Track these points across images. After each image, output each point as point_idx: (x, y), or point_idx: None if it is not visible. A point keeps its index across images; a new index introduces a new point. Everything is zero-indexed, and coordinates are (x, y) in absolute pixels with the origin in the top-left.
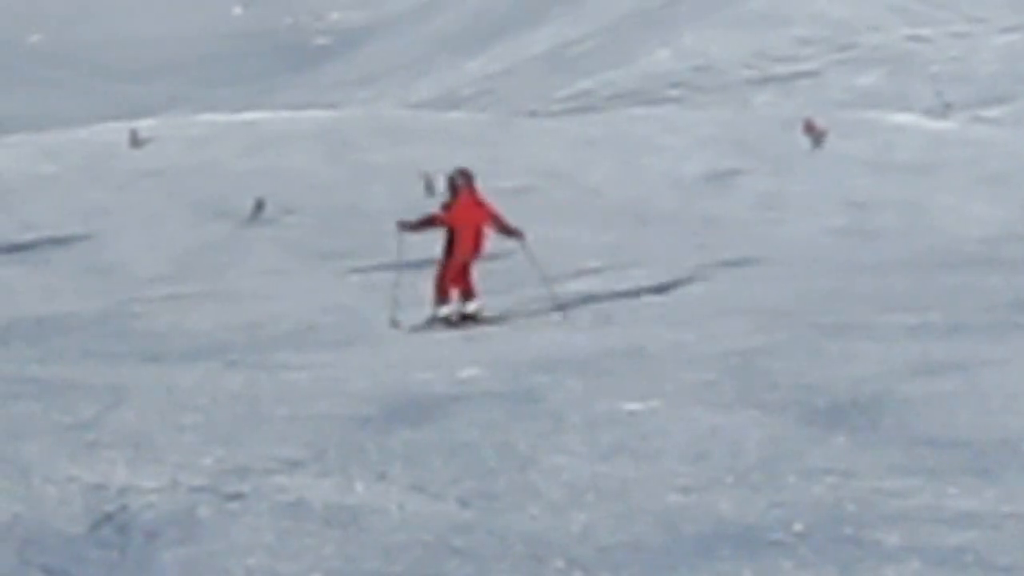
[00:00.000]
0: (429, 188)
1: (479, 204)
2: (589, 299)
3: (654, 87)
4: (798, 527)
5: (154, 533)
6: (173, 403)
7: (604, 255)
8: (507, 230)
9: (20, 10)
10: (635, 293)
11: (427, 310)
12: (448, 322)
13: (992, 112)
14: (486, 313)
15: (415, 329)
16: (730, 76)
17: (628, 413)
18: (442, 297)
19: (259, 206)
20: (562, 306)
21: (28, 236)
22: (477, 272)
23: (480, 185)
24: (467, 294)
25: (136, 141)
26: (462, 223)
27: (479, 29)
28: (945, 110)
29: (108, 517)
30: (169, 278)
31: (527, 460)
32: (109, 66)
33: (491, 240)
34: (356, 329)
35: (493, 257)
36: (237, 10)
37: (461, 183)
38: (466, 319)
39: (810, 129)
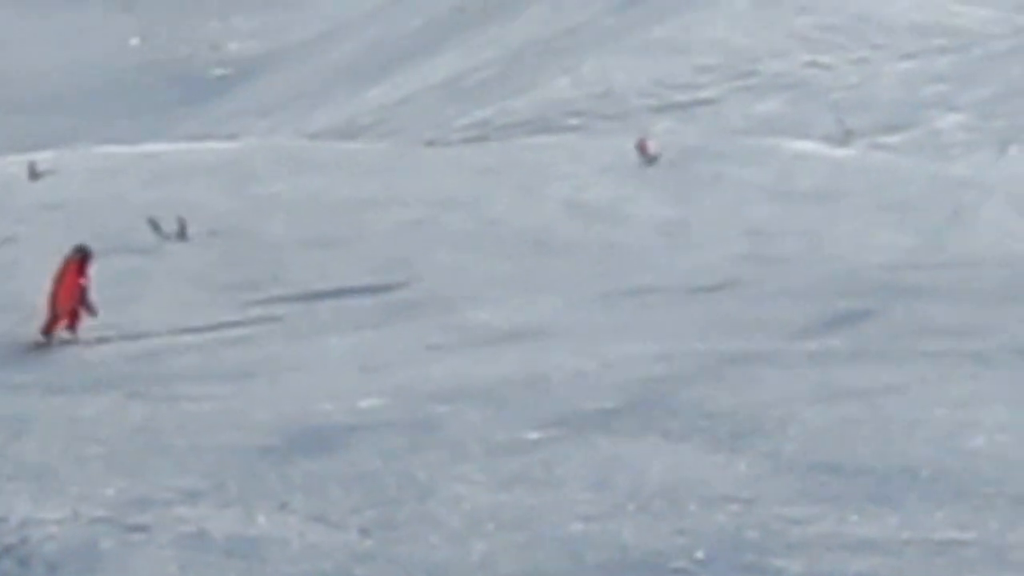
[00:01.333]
0: None
1: None
2: (490, 328)
3: (554, 115)
4: (700, 555)
5: (55, 565)
6: (75, 434)
7: (505, 284)
8: None
9: None
10: (535, 322)
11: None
12: None
13: (893, 139)
14: None
15: None
16: (630, 104)
17: (529, 442)
18: None
19: (182, 228)
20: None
21: None
22: None
23: (378, 215)
24: None
25: (35, 174)
26: None
27: (377, 58)
28: (846, 137)
29: (8, 549)
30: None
31: (427, 489)
32: (5, 98)
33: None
34: (257, 360)
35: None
36: (135, 41)
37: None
38: None
39: (642, 149)
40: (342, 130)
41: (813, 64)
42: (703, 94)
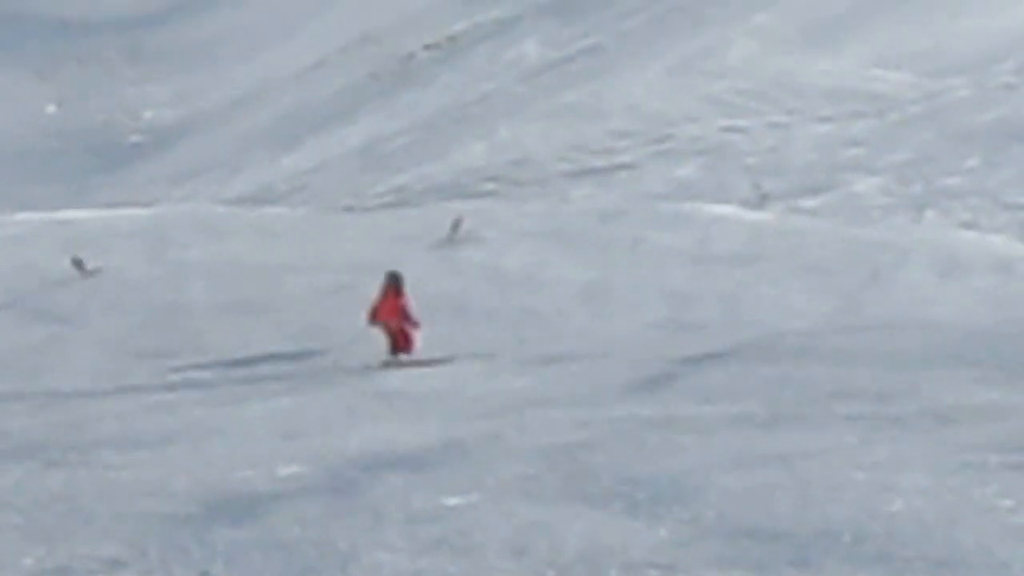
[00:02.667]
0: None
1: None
2: (408, 394)
3: (470, 181)
4: None
5: None
6: None
7: (423, 350)
8: None
9: None
10: (453, 388)
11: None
12: None
13: (809, 202)
14: None
15: None
16: (547, 169)
17: (448, 508)
18: None
19: (77, 263)
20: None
21: None
22: None
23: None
24: None
25: None
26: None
27: (293, 125)
28: (762, 201)
29: None
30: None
31: (348, 557)
32: None
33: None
34: (176, 427)
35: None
36: (51, 108)
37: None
38: None
39: (456, 227)
40: (259, 196)
41: (729, 128)
42: (619, 159)
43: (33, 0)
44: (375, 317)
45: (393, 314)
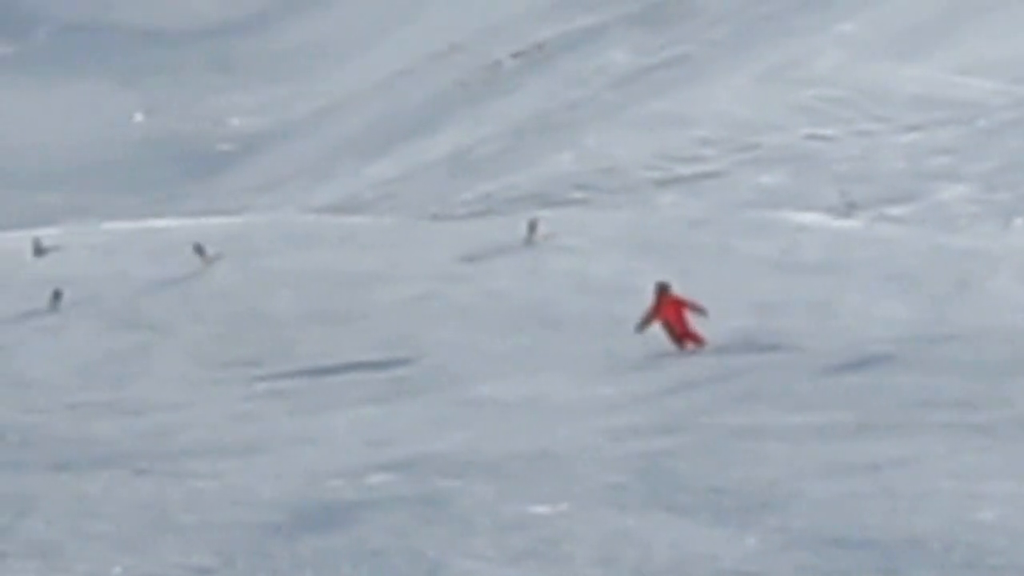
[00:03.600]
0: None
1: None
2: (496, 402)
3: (557, 189)
4: None
5: None
6: (82, 512)
7: (511, 358)
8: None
9: None
10: (542, 396)
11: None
12: None
13: (896, 210)
14: None
15: None
16: (634, 177)
17: (537, 516)
18: None
19: (199, 249)
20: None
21: None
22: None
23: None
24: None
25: (39, 250)
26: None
27: (380, 133)
28: (849, 209)
29: None
30: (75, 387)
31: (436, 565)
32: (10, 174)
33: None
34: (263, 436)
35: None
36: (139, 117)
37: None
38: None
39: (532, 228)
40: (346, 204)
41: (816, 137)
42: (707, 167)
43: (121, 10)
44: (675, 329)
45: (678, 318)
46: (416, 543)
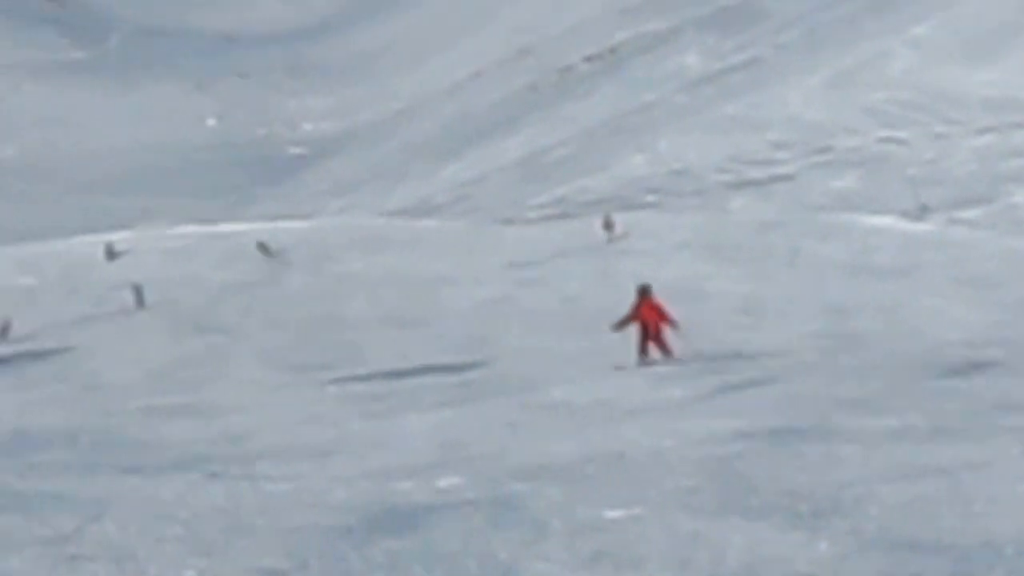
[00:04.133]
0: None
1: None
2: (568, 405)
3: (630, 192)
4: None
5: None
6: (154, 516)
7: (581, 362)
8: None
9: None
10: (614, 399)
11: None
12: None
13: (969, 213)
14: None
15: None
16: (706, 180)
17: (610, 520)
18: None
19: (263, 247)
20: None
21: (6, 350)
22: None
23: (457, 293)
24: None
25: (112, 253)
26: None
27: (453, 137)
28: (922, 212)
29: None
30: (147, 390)
31: (508, 569)
32: (83, 178)
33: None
34: (335, 439)
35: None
36: (211, 121)
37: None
38: None
39: (608, 226)
40: (419, 208)
41: (888, 140)
42: (779, 170)
43: (194, 15)
44: (647, 331)
45: (655, 321)
46: (488, 546)
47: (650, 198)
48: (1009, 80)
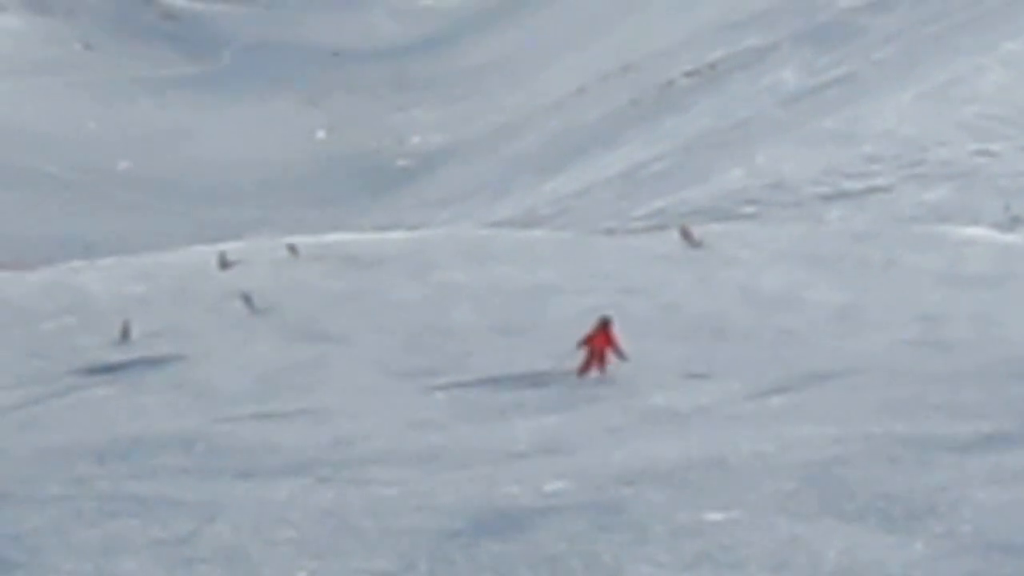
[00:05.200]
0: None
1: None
2: (670, 411)
3: (728, 204)
4: None
5: None
6: (266, 518)
7: (684, 368)
8: None
9: (110, 139)
10: (715, 405)
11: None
12: None
13: None
14: None
15: None
16: (802, 192)
17: (711, 523)
18: None
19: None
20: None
21: (121, 357)
22: None
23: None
24: None
25: (224, 263)
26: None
27: (556, 151)
28: (1013, 223)
29: None
30: (258, 396)
31: (613, 571)
32: (197, 189)
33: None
34: (442, 444)
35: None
36: (320, 134)
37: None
38: None
39: (686, 235)
40: (523, 219)
41: (980, 152)
42: (873, 182)
43: (305, 31)
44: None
45: (600, 349)
46: (592, 549)
47: (748, 209)
48: None
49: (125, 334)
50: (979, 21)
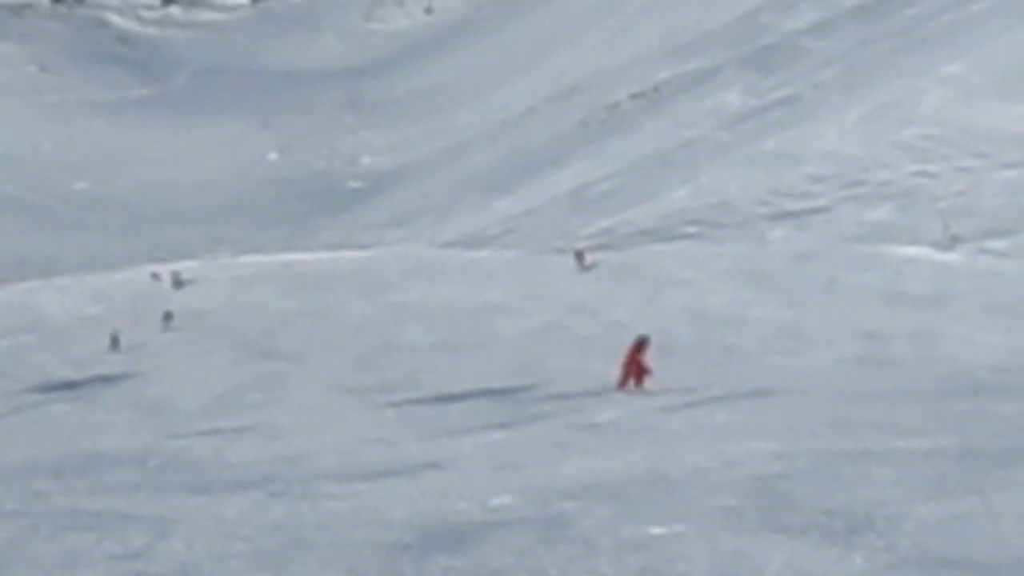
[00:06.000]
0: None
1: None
2: (616, 427)
3: (673, 224)
4: None
5: None
6: (219, 533)
7: (629, 386)
8: None
9: (66, 160)
10: (659, 421)
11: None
12: None
13: (998, 244)
14: None
15: None
16: (746, 212)
17: (655, 537)
18: None
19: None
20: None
21: (77, 375)
22: None
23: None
24: None
25: (178, 282)
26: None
27: (504, 171)
28: (952, 243)
29: None
30: (212, 413)
31: None
32: (151, 210)
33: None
34: (393, 460)
35: (523, 389)
36: (273, 156)
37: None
38: None
39: (579, 258)
40: (472, 239)
41: (920, 173)
42: (815, 202)
43: (257, 54)
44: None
45: (636, 367)
46: (538, 563)
47: (692, 229)
48: None
49: (114, 343)
50: (919, 44)
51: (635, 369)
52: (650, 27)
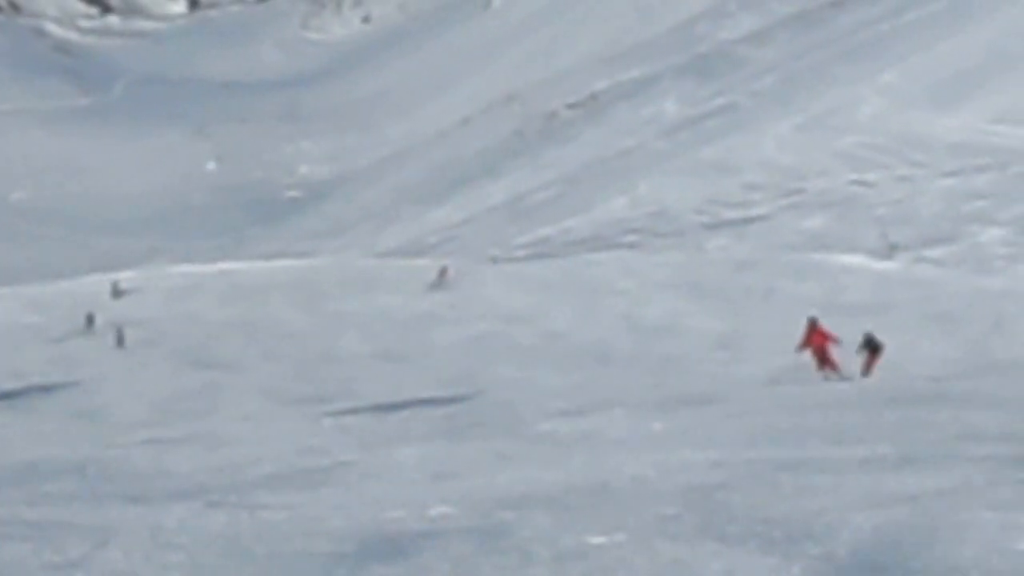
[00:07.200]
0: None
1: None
2: (553, 437)
3: (611, 233)
4: None
5: None
6: (157, 543)
7: (567, 395)
8: None
9: (2, 170)
10: (597, 431)
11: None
12: None
13: (935, 252)
14: None
15: None
16: (684, 222)
17: (593, 546)
18: None
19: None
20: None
21: (15, 384)
22: None
23: (446, 330)
24: None
25: (117, 292)
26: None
27: (442, 180)
28: (890, 251)
29: None
30: (150, 423)
31: None
32: (90, 220)
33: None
34: (331, 470)
35: (461, 399)
36: (211, 165)
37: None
38: None
39: (442, 274)
40: (409, 249)
41: (857, 182)
42: (753, 211)
43: (195, 64)
44: (817, 353)
45: (821, 346)
46: (476, 572)
47: (630, 238)
48: (972, 125)
49: (120, 341)
50: (856, 52)
51: (821, 350)
52: (587, 36)
